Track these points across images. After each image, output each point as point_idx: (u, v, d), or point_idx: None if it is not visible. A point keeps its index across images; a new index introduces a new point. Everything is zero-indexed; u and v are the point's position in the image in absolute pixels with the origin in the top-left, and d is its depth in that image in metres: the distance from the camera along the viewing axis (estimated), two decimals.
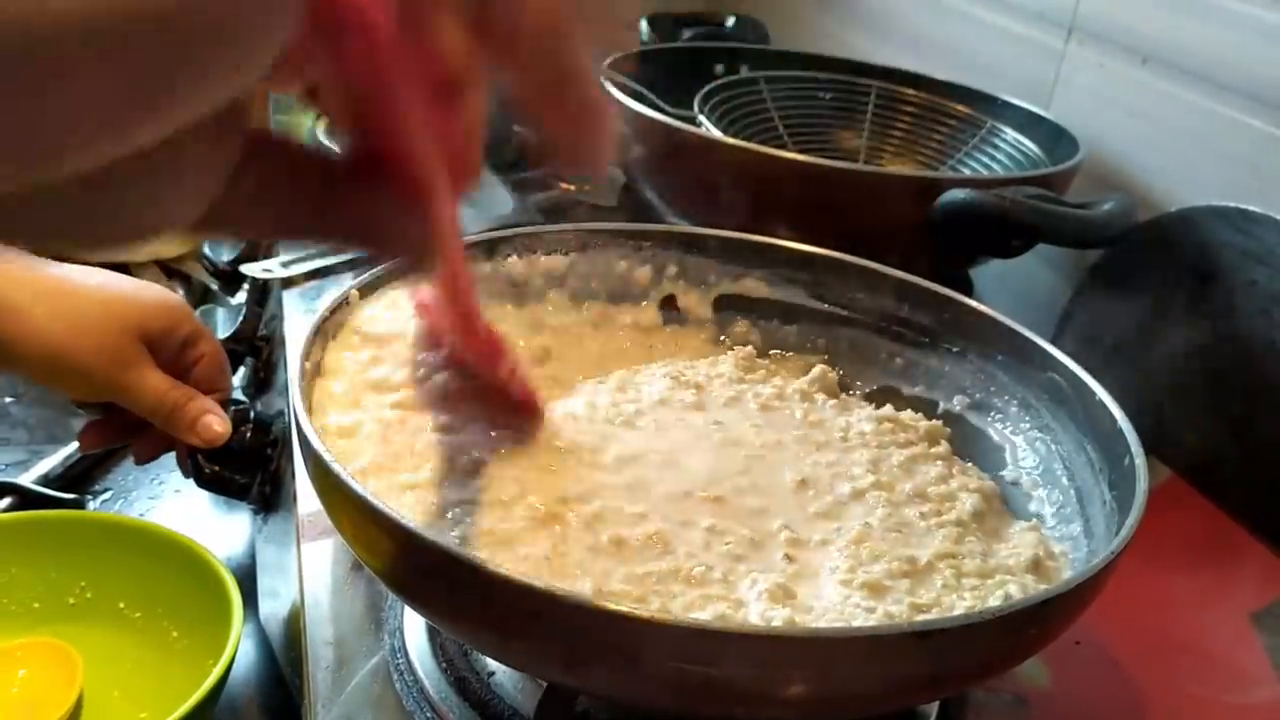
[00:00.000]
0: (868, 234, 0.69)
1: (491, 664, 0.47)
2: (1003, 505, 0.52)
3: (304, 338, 0.48)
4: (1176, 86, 0.80)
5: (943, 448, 0.55)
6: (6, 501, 0.83)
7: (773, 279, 0.63)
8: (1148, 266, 0.74)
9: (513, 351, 0.48)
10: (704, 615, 0.41)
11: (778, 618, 0.41)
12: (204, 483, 0.73)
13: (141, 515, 0.86)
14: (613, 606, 0.35)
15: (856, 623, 0.41)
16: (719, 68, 1.04)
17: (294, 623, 0.56)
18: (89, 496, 0.88)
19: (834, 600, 0.43)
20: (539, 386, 0.51)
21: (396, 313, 0.53)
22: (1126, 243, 0.74)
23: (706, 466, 0.49)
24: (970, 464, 0.55)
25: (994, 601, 0.43)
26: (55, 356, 0.63)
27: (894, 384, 0.60)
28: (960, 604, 0.43)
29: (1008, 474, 0.55)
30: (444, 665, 0.47)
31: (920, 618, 0.42)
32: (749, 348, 0.61)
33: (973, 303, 0.59)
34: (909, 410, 0.58)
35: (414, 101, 0.27)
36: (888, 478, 0.51)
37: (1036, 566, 0.47)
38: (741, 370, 0.59)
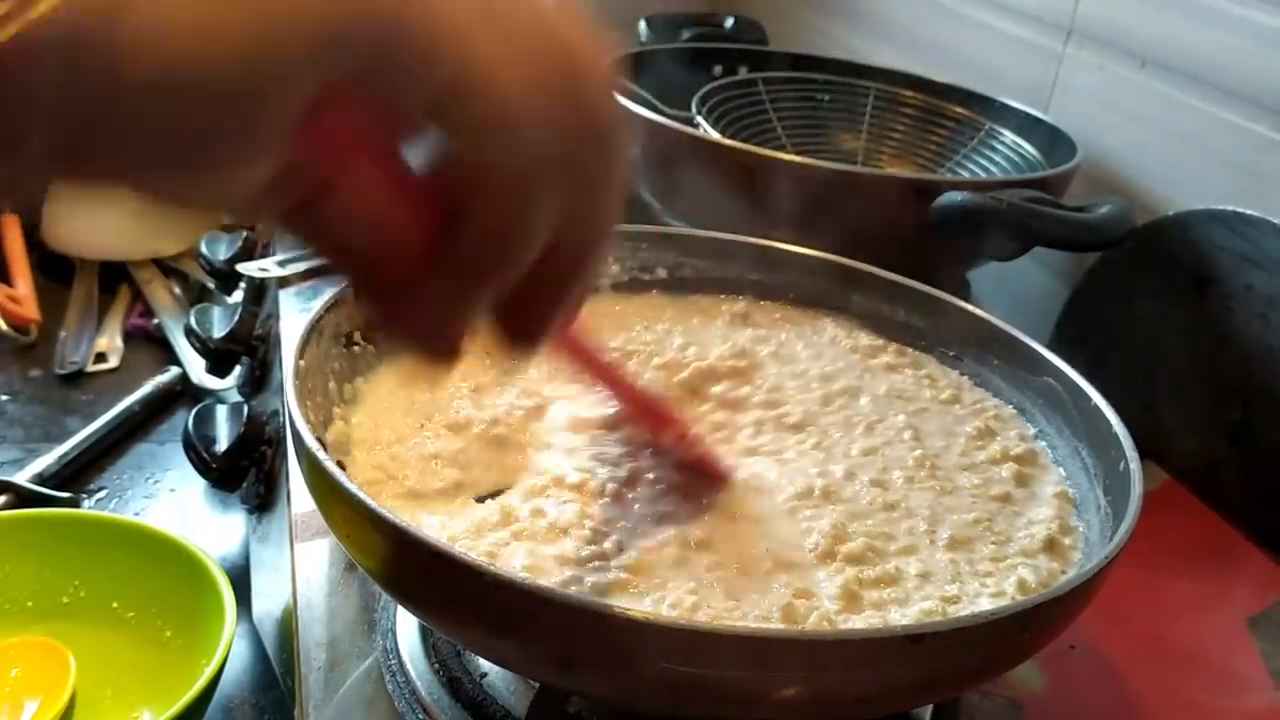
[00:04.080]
0: (865, 236, 0.68)
1: (484, 665, 0.47)
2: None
3: (298, 337, 0.48)
4: (1175, 90, 0.80)
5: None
6: (1, 500, 0.83)
7: (769, 280, 0.62)
8: (1145, 270, 0.74)
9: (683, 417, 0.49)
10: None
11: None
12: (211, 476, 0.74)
13: (136, 515, 0.86)
14: (605, 606, 0.35)
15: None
16: (717, 68, 1.04)
17: (287, 623, 0.56)
18: (84, 495, 0.88)
19: None
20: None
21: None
22: (1124, 246, 0.73)
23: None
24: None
25: (1008, 587, 0.44)
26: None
27: None
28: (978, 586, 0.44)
29: None
30: (437, 666, 0.47)
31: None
32: None
33: (969, 306, 0.59)
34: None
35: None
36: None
37: (1051, 546, 0.47)
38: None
